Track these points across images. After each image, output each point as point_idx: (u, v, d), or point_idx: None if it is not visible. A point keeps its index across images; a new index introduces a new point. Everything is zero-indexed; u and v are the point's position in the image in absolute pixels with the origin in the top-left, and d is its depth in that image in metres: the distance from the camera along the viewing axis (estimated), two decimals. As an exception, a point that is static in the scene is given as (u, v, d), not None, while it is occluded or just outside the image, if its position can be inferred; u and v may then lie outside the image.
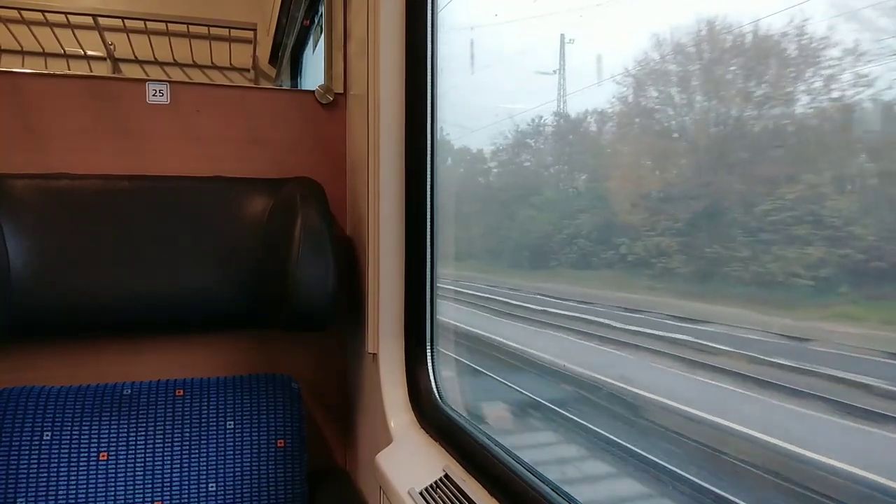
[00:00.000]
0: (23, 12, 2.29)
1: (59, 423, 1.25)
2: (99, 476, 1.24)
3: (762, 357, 1.02)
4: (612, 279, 1.39)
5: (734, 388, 1.07)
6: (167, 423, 1.30)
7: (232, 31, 2.52)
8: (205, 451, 1.31)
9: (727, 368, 1.11)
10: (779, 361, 1.00)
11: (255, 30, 2.50)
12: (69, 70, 2.54)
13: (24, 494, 1.20)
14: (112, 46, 2.54)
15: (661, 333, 1.30)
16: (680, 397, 1.19)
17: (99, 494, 1.24)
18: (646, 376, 1.34)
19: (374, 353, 1.30)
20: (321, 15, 1.92)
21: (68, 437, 1.25)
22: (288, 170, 1.47)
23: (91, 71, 2.56)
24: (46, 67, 2.52)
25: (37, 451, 1.23)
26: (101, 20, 2.39)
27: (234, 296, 1.34)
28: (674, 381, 1.24)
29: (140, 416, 1.30)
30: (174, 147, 1.44)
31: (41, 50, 2.47)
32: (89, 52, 2.54)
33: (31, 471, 1.22)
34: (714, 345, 1.16)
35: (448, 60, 1.28)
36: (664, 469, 1.06)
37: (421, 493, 0.99)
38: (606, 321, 1.52)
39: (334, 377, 1.58)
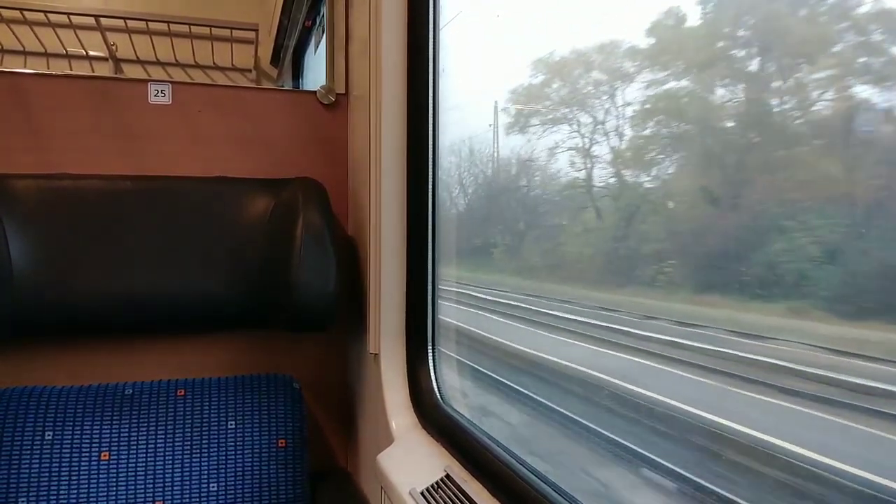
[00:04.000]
0: (25, 13, 2.29)
1: (60, 423, 1.25)
2: (100, 476, 1.24)
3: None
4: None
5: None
6: (169, 423, 1.31)
7: (234, 31, 2.52)
8: (206, 451, 1.31)
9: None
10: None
11: (256, 30, 2.50)
12: (71, 70, 2.55)
13: (25, 494, 1.20)
14: (114, 47, 2.55)
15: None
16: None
17: (100, 494, 1.24)
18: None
19: (375, 354, 1.30)
20: (323, 16, 1.93)
21: (70, 436, 1.25)
22: (290, 170, 1.47)
23: (93, 71, 2.57)
24: (49, 68, 2.52)
25: (38, 451, 1.23)
26: (104, 21, 2.39)
27: (235, 296, 1.34)
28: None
29: (141, 416, 1.30)
30: (176, 147, 1.44)
31: (43, 50, 2.48)
32: (91, 53, 2.55)
33: (32, 471, 1.22)
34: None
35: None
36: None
37: (422, 494, 0.99)
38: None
39: (335, 377, 1.58)
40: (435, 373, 1.26)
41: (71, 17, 2.37)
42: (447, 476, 1.01)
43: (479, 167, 2.27)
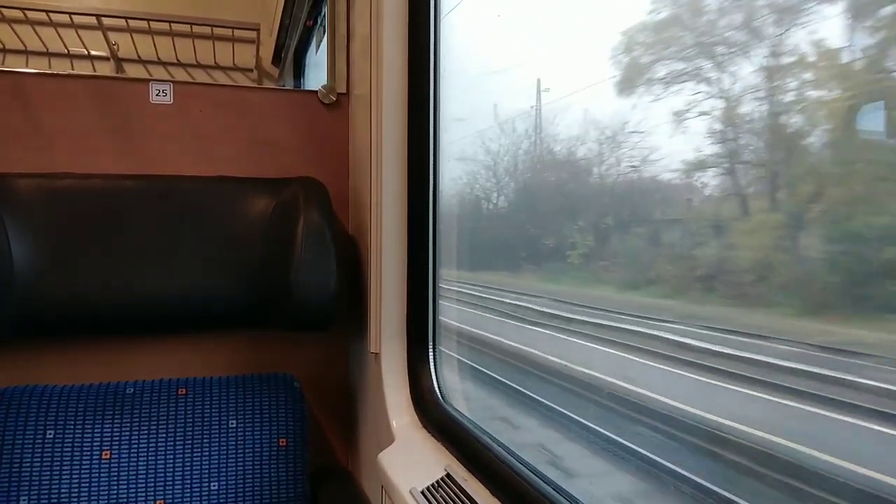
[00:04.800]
0: (27, 12, 2.29)
1: (61, 422, 1.25)
2: (101, 475, 1.25)
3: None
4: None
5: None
6: (170, 422, 1.31)
7: (235, 31, 2.52)
8: (207, 450, 1.31)
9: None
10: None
11: (258, 30, 2.50)
12: (73, 70, 2.55)
13: (26, 493, 1.21)
14: (116, 46, 2.55)
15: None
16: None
17: (101, 493, 1.24)
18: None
19: (376, 353, 1.30)
20: (324, 15, 1.93)
21: (71, 435, 1.25)
22: (291, 170, 1.47)
23: (95, 71, 2.57)
24: (50, 67, 2.52)
25: (39, 450, 1.23)
26: (105, 20, 2.39)
27: (236, 295, 1.34)
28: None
29: (143, 415, 1.30)
30: (177, 147, 1.44)
31: (45, 50, 2.48)
32: (93, 52, 2.55)
33: (33, 469, 1.22)
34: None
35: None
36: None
37: (423, 493, 1.00)
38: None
39: (336, 377, 1.58)
40: (436, 372, 1.26)
41: (72, 16, 2.36)
42: (448, 475, 1.01)
43: (541, 147, 1.78)
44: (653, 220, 1.39)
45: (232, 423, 1.33)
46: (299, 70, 2.61)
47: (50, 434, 1.24)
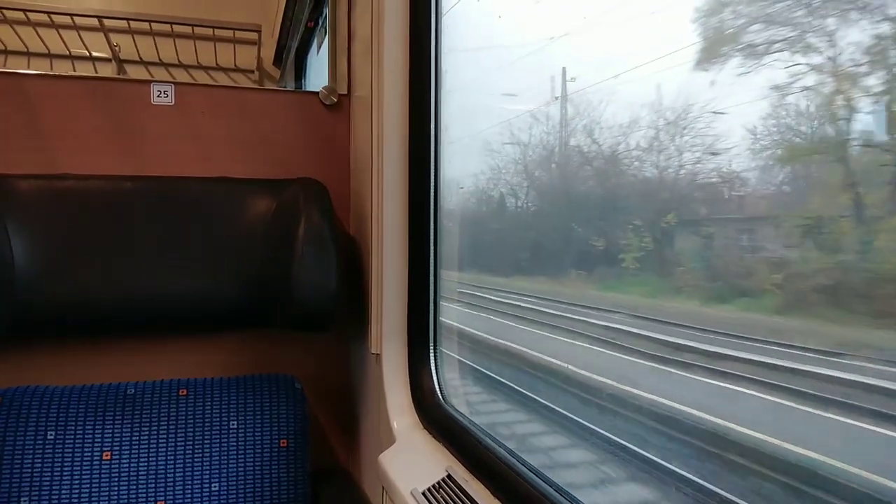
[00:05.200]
0: (28, 14, 2.30)
1: (62, 423, 1.25)
2: (102, 476, 1.25)
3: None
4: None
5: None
6: (170, 422, 1.31)
7: (236, 32, 2.52)
8: (208, 450, 1.31)
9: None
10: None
11: (259, 31, 2.50)
12: (74, 71, 2.55)
13: (27, 494, 1.21)
14: (117, 48, 2.55)
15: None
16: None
17: (102, 494, 1.24)
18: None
19: (377, 354, 1.30)
20: (325, 17, 1.93)
21: (72, 436, 1.25)
22: (292, 171, 1.47)
23: (96, 72, 2.57)
24: (52, 69, 2.53)
25: (40, 451, 1.23)
26: (107, 22, 2.40)
27: (237, 296, 1.34)
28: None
29: (143, 416, 1.30)
30: (178, 148, 1.45)
31: (47, 51, 2.48)
32: (94, 54, 2.56)
33: (34, 470, 1.22)
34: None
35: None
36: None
37: (424, 494, 0.99)
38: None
39: (337, 377, 1.58)
40: (436, 373, 1.26)
41: (74, 17, 2.37)
42: (448, 476, 1.01)
43: (583, 135, 1.53)
44: (736, 217, 1.10)
45: (233, 424, 1.33)
46: (300, 71, 2.62)
47: (51, 435, 1.24)
